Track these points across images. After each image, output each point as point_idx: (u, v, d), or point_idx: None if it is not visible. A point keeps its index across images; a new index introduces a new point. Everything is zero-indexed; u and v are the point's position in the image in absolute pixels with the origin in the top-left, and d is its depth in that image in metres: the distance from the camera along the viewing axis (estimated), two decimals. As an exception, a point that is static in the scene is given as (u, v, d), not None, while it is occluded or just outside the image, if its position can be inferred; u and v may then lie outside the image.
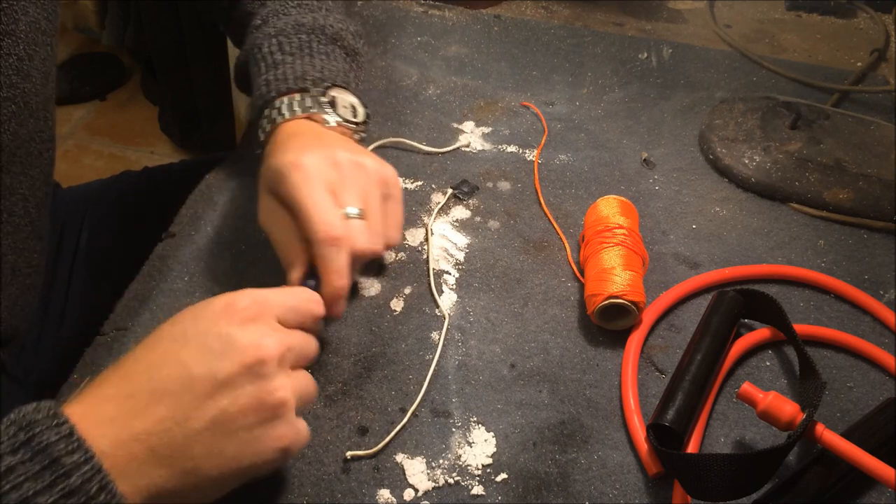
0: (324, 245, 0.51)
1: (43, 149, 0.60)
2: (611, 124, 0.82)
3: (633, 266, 0.61)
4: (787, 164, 0.75)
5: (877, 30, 1.02)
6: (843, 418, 0.57)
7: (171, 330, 0.44)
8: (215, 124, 1.83)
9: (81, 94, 2.08)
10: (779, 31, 1.00)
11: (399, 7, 0.97)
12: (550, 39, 0.94)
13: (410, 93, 0.83)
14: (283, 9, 0.67)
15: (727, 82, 0.89)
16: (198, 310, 0.45)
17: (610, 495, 0.52)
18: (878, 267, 0.69)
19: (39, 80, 0.57)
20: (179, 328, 0.44)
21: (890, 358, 0.60)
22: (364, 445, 0.53)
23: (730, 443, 0.56)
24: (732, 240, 0.70)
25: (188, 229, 0.66)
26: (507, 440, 0.54)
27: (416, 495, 0.51)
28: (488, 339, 0.61)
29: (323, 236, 0.51)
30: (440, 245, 0.67)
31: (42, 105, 0.58)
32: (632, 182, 0.76)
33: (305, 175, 0.53)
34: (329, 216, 0.52)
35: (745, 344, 0.60)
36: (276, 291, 0.48)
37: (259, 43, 0.65)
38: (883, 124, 0.80)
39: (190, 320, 0.44)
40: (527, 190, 0.74)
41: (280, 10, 0.67)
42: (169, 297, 0.61)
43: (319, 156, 0.54)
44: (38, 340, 0.76)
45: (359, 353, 0.59)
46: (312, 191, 0.52)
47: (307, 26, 0.65)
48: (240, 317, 0.44)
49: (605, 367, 0.59)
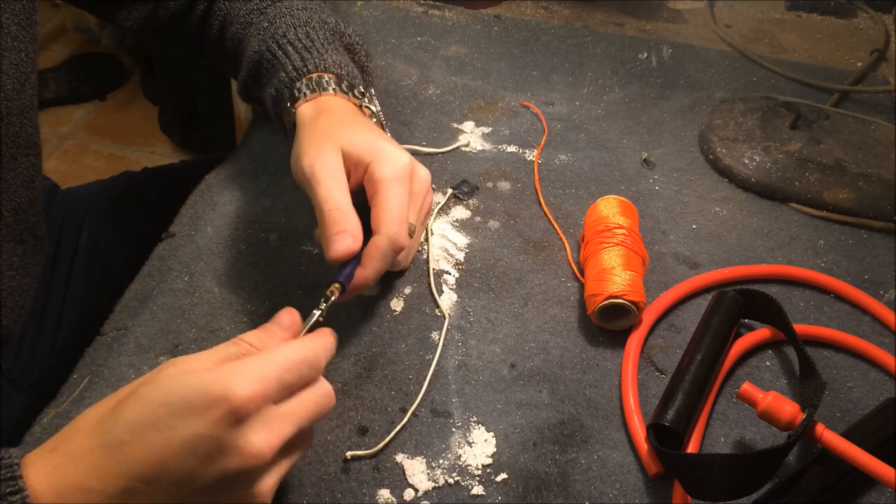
0: (391, 247, 0.56)
1: (18, 153, 0.60)
2: (611, 124, 0.82)
3: (633, 266, 0.61)
4: (787, 164, 0.75)
5: (877, 30, 1.02)
6: (843, 418, 0.57)
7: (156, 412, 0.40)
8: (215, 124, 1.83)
9: (81, 94, 2.08)
10: (779, 31, 1.00)
11: (399, 7, 0.97)
12: (550, 39, 0.94)
13: (410, 93, 0.83)
14: (289, 10, 0.67)
15: (727, 82, 0.89)
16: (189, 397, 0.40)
17: (610, 495, 0.52)
18: (878, 267, 0.69)
19: (11, 86, 0.57)
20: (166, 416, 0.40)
21: (890, 358, 0.60)
22: (364, 445, 0.53)
23: (730, 443, 0.56)
24: (732, 240, 0.70)
25: (188, 229, 0.66)
26: (507, 440, 0.54)
27: (416, 495, 0.51)
28: (488, 339, 0.61)
29: (394, 242, 0.56)
30: (440, 245, 0.67)
31: (17, 111, 0.58)
32: (632, 182, 0.76)
33: (402, 185, 0.57)
34: (405, 228, 0.57)
35: (745, 344, 0.60)
36: (280, 357, 0.44)
37: (284, 31, 0.65)
38: (883, 124, 0.80)
39: (180, 410, 0.40)
40: (527, 190, 0.74)
41: (286, 11, 0.67)
42: (169, 297, 0.61)
43: (408, 165, 0.58)
44: (37, 342, 0.76)
45: (359, 353, 0.59)
46: (403, 201, 0.57)
47: (330, 25, 0.66)
48: (236, 417, 0.40)
49: (605, 367, 0.59)
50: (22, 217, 0.62)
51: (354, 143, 0.58)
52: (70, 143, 1.99)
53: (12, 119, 0.58)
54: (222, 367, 0.42)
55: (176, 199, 0.69)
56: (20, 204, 0.62)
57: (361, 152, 0.58)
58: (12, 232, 0.62)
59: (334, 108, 0.61)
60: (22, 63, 0.58)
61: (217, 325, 0.59)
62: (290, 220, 0.68)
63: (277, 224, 0.68)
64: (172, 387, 0.41)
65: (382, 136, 0.60)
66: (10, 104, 0.57)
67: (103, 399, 0.43)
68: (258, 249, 0.65)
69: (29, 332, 0.75)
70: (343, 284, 0.53)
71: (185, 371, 0.41)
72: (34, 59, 0.60)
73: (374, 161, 0.57)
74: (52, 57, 2.18)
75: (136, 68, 2.16)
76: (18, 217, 0.62)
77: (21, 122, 0.59)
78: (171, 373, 0.42)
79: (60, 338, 0.77)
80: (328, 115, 0.60)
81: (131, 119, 2.06)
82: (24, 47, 0.58)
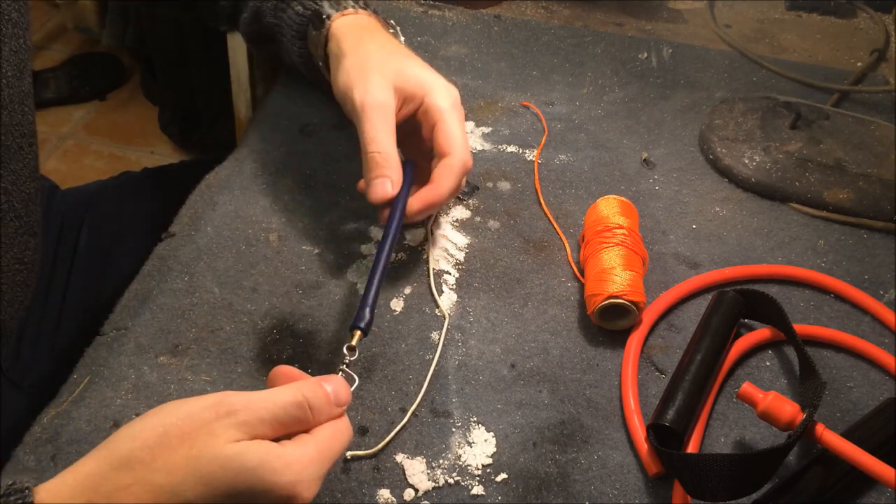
0: (462, 168, 0.61)
1: (24, 143, 0.60)
2: (611, 124, 0.82)
3: (633, 266, 0.61)
4: (787, 164, 0.75)
5: (877, 30, 1.02)
6: (843, 418, 0.57)
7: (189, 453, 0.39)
8: (215, 124, 1.83)
9: (81, 94, 2.07)
10: (779, 31, 1.00)
11: (399, 7, 0.97)
12: (550, 39, 0.94)
13: (410, 93, 0.83)
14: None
15: (727, 82, 0.89)
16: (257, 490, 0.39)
17: (610, 495, 0.52)
18: (878, 267, 0.69)
19: (11, 72, 0.57)
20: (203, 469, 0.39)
21: (890, 358, 0.60)
22: (364, 445, 0.53)
23: (730, 443, 0.56)
24: (732, 240, 0.70)
25: (188, 229, 0.66)
26: (507, 440, 0.54)
27: (416, 495, 0.51)
28: (488, 339, 0.61)
29: (464, 157, 0.61)
30: (440, 245, 0.67)
31: (18, 98, 0.58)
32: (632, 182, 0.76)
33: (458, 101, 0.62)
34: (469, 152, 0.62)
35: (745, 344, 0.60)
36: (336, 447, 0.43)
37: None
38: (883, 124, 0.80)
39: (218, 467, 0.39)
40: (527, 190, 0.74)
41: None
42: (169, 297, 0.61)
43: (457, 94, 0.63)
44: (37, 342, 0.76)
45: (359, 352, 0.59)
46: (463, 128, 0.62)
47: None
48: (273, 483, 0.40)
49: (605, 367, 0.59)
50: (32, 209, 0.63)
51: (406, 78, 0.61)
52: (70, 143, 1.99)
53: (14, 107, 0.58)
54: (284, 450, 0.41)
55: (176, 199, 0.69)
56: (29, 195, 0.62)
57: (415, 86, 0.61)
58: (24, 224, 0.62)
59: (372, 30, 0.65)
60: (21, 50, 0.58)
61: (217, 325, 0.59)
62: (290, 220, 0.68)
63: (277, 224, 0.68)
64: (239, 470, 0.39)
65: (427, 67, 0.63)
66: (11, 91, 0.57)
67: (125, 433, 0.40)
68: (258, 249, 0.65)
69: (29, 332, 0.75)
70: (364, 330, 0.52)
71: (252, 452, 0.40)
72: (29, 46, 0.60)
73: (428, 94, 0.61)
74: (52, 57, 2.18)
75: (136, 68, 2.16)
76: (29, 209, 0.62)
77: (22, 110, 0.59)
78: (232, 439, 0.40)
79: (60, 338, 0.77)
80: (370, 40, 0.63)
81: (131, 119, 2.06)
82: (21, 33, 0.58)
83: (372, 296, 0.53)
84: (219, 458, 0.39)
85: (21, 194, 0.60)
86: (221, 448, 0.39)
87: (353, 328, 0.51)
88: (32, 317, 0.76)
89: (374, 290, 0.54)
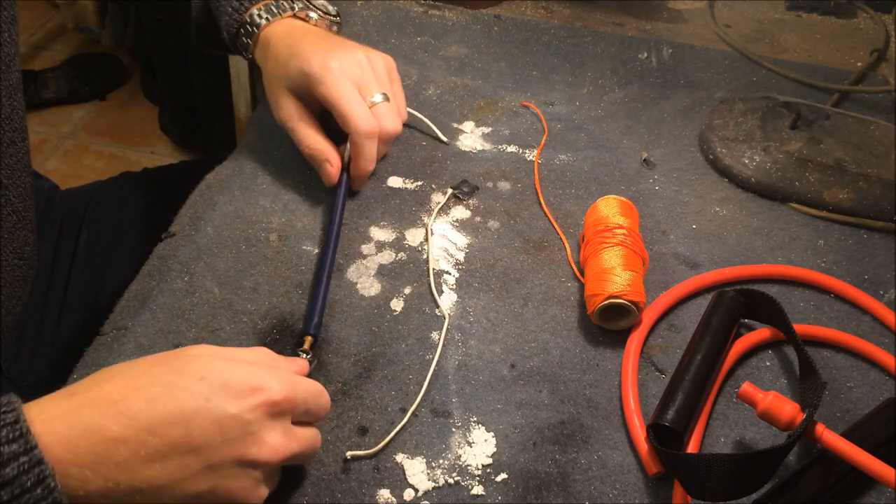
0: (361, 137, 0.63)
1: (16, 137, 0.60)
2: (611, 124, 0.82)
3: (633, 266, 0.61)
4: (787, 164, 0.75)
5: (877, 30, 1.02)
6: (843, 418, 0.57)
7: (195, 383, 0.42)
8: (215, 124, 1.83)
9: (81, 94, 2.08)
10: (779, 31, 1.00)
11: (399, 7, 0.97)
12: (550, 39, 0.94)
13: (410, 93, 0.83)
14: None
15: (727, 82, 0.89)
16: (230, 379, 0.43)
17: (610, 495, 0.52)
18: (878, 267, 0.69)
19: (3, 66, 0.57)
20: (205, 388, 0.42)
21: (890, 358, 0.60)
22: (364, 445, 0.53)
23: (730, 443, 0.56)
24: (732, 240, 0.70)
25: (188, 229, 0.66)
26: (507, 440, 0.54)
27: (416, 495, 0.51)
28: (488, 339, 0.61)
29: (361, 130, 0.63)
30: (440, 245, 0.67)
31: (7, 93, 0.58)
32: (632, 182, 0.76)
33: (336, 77, 0.63)
34: (364, 112, 0.63)
35: (745, 344, 0.60)
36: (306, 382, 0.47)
37: None
38: (883, 124, 0.80)
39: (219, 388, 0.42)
40: (527, 190, 0.74)
41: None
42: (169, 297, 0.61)
43: (341, 57, 0.65)
44: (36, 342, 0.76)
45: (359, 353, 0.59)
46: (347, 91, 0.63)
47: None
48: (267, 411, 0.43)
49: (605, 367, 0.59)
50: (29, 204, 0.63)
51: (293, 80, 0.65)
52: (70, 143, 1.99)
53: (2, 101, 0.58)
54: (257, 366, 0.45)
55: (176, 199, 0.69)
56: (25, 190, 0.62)
57: (301, 85, 0.65)
58: (22, 219, 0.62)
59: (275, 41, 0.68)
60: (7, 44, 0.58)
61: (217, 325, 0.59)
62: (290, 220, 0.68)
63: (277, 224, 0.68)
64: (213, 366, 0.43)
65: (309, 53, 0.65)
66: (2, 85, 0.57)
67: (126, 363, 0.44)
68: (258, 249, 0.65)
69: (29, 332, 0.75)
70: (314, 336, 0.57)
71: (222, 357, 0.44)
72: (17, 40, 0.61)
73: (311, 85, 0.64)
74: (52, 57, 2.18)
75: (136, 68, 2.16)
76: (26, 204, 0.62)
77: (11, 103, 0.59)
78: (205, 354, 0.44)
79: (60, 338, 0.77)
80: (271, 54, 0.68)
81: (131, 119, 2.06)
82: (9, 28, 0.58)
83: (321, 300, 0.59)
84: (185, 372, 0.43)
85: (17, 189, 0.60)
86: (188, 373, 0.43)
87: (305, 334, 0.57)
88: (32, 317, 0.76)
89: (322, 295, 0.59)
